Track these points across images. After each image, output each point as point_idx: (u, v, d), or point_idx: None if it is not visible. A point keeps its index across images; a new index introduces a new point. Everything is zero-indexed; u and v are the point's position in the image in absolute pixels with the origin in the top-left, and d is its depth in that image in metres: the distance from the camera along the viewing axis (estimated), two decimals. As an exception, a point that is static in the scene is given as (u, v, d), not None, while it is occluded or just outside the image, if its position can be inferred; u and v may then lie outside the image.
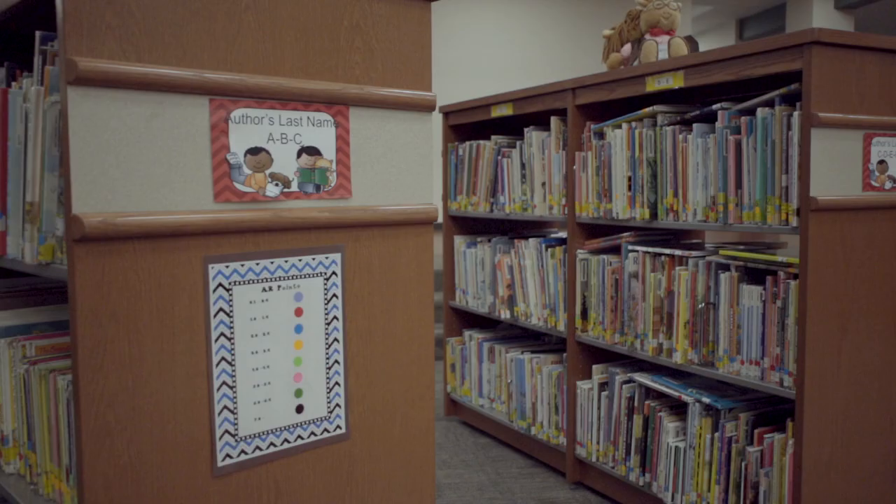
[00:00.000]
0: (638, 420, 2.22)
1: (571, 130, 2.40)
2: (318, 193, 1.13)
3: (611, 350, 2.35)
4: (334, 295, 1.16)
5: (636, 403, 2.23)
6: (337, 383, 1.17)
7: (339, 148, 1.15)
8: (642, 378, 2.21)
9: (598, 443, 2.39)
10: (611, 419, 2.33)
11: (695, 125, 1.98)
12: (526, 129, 2.65)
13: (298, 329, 1.12)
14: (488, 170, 2.88)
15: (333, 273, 1.16)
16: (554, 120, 2.51)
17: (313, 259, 1.13)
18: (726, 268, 1.94)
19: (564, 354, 2.57)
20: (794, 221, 1.74)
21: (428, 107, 1.25)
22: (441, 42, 8.85)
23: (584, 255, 2.41)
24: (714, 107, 1.96)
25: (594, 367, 2.41)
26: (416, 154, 1.25)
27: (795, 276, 1.75)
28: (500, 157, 2.81)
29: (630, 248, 2.22)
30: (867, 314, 1.79)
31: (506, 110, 2.75)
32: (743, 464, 1.90)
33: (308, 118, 1.11)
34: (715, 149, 1.93)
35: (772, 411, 1.96)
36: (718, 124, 1.92)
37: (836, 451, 1.77)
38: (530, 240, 2.67)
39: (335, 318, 1.16)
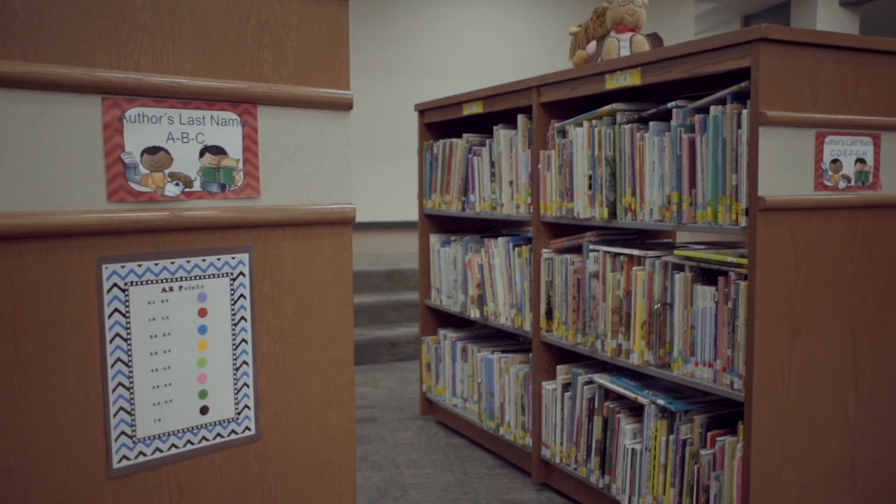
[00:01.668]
0: (598, 421, 2.20)
1: (536, 129, 2.38)
2: (224, 193, 1.12)
3: (573, 351, 2.33)
4: (242, 295, 1.15)
5: (596, 405, 2.21)
6: (245, 384, 1.16)
7: (247, 147, 1.14)
8: (602, 379, 2.18)
9: (561, 444, 2.37)
10: (573, 420, 2.31)
11: (651, 123, 1.96)
12: (495, 128, 2.63)
13: (202, 330, 1.11)
14: (460, 168, 2.86)
15: (241, 273, 1.15)
16: (520, 118, 2.49)
17: (218, 259, 1.12)
18: (682, 268, 1.92)
19: (531, 354, 2.55)
20: (743, 222, 1.71)
21: (344, 105, 1.23)
22: (440, 41, 8.84)
23: (548, 254, 2.39)
24: (669, 105, 1.94)
25: (558, 367, 2.39)
26: (333, 153, 1.23)
27: (746, 277, 1.73)
28: (470, 156, 2.79)
29: (591, 247, 2.20)
30: (820, 315, 1.76)
31: (476, 108, 2.73)
32: (696, 467, 1.87)
33: (212, 117, 1.10)
34: (670, 147, 1.90)
35: (727, 414, 1.94)
36: (673, 122, 1.90)
37: (787, 455, 1.75)
38: (499, 239, 2.66)
39: (243, 318, 1.15)
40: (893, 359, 1.89)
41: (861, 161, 1.80)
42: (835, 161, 1.77)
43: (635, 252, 2.04)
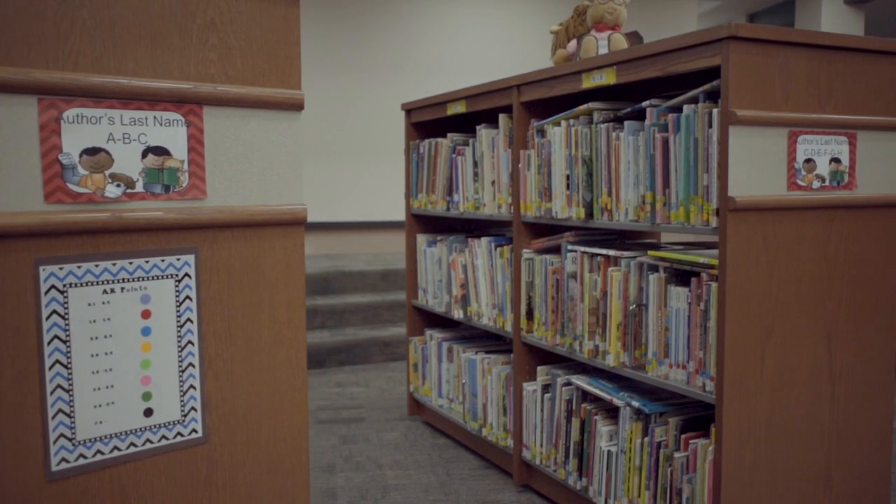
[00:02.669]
0: (576, 423, 2.18)
1: (517, 128, 2.37)
2: (168, 194, 1.11)
3: (553, 352, 2.31)
4: (188, 297, 1.14)
5: (574, 406, 2.19)
6: (192, 386, 1.15)
7: (192, 148, 1.13)
8: (579, 381, 2.17)
9: (541, 445, 2.35)
10: (553, 422, 2.29)
11: (626, 123, 1.94)
12: (477, 127, 2.62)
13: (146, 331, 1.11)
14: (445, 168, 2.85)
15: (186, 275, 1.14)
16: (502, 117, 2.48)
17: (162, 261, 1.12)
18: (656, 269, 1.90)
19: (512, 355, 2.54)
20: (714, 222, 1.69)
21: (295, 105, 1.22)
22: (437, 39, 8.82)
23: (529, 254, 2.37)
24: (644, 104, 1.92)
25: (539, 368, 2.37)
26: (283, 153, 1.22)
27: (717, 278, 1.71)
28: (454, 155, 2.78)
29: (569, 247, 2.18)
30: (794, 317, 1.74)
31: (460, 108, 2.72)
32: (669, 469, 1.85)
33: (155, 118, 1.09)
34: (644, 147, 1.89)
35: (702, 416, 1.92)
36: (647, 122, 1.88)
37: (760, 458, 1.72)
38: (482, 239, 2.64)
39: (189, 320, 1.14)
40: (871, 361, 1.87)
41: (836, 161, 1.78)
42: (808, 161, 1.74)
43: (611, 252, 2.02)
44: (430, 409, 3.11)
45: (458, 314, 2.78)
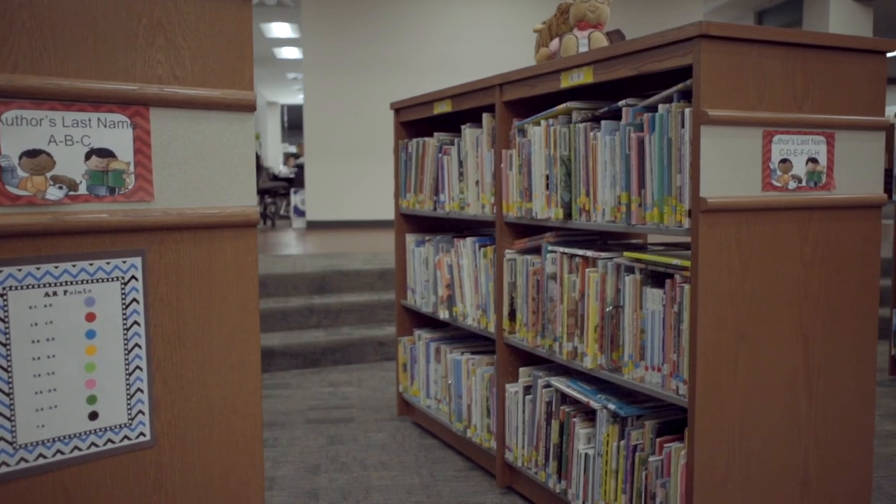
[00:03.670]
0: (555, 425, 2.16)
1: (499, 127, 2.35)
2: (113, 196, 1.11)
3: (533, 353, 2.30)
4: (134, 300, 1.14)
5: (554, 408, 2.17)
6: (139, 389, 1.15)
7: (139, 150, 1.12)
8: (558, 383, 2.15)
9: (523, 448, 2.34)
10: (534, 424, 2.28)
11: (603, 122, 1.92)
12: (462, 127, 2.60)
13: (90, 334, 1.10)
14: (432, 167, 2.83)
15: (133, 277, 1.13)
16: (485, 117, 2.46)
17: (107, 263, 1.11)
18: (632, 270, 1.88)
19: (495, 356, 2.52)
20: (686, 223, 1.67)
21: (247, 107, 1.21)
22: (444, 37, 8.80)
23: (511, 255, 2.35)
24: (620, 103, 1.90)
25: (521, 369, 2.36)
26: (235, 155, 1.21)
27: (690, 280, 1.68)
28: (440, 155, 2.76)
29: (549, 248, 2.16)
30: (768, 319, 1.72)
31: (446, 107, 2.70)
32: (644, 473, 1.83)
33: (99, 119, 1.09)
34: (620, 147, 1.87)
35: (678, 420, 1.90)
36: (622, 121, 1.86)
37: (734, 464, 1.70)
38: (467, 239, 2.63)
39: (136, 322, 1.14)
40: (850, 364, 1.84)
41: (813, 161, 1.75)
42: (784, 161, 1.72)
43: (589, 253, 2.00)
44: (418, 410, 3.10)
45: (443, 314, 2.77)
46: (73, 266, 1.08)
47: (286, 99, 21.89)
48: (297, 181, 10.37)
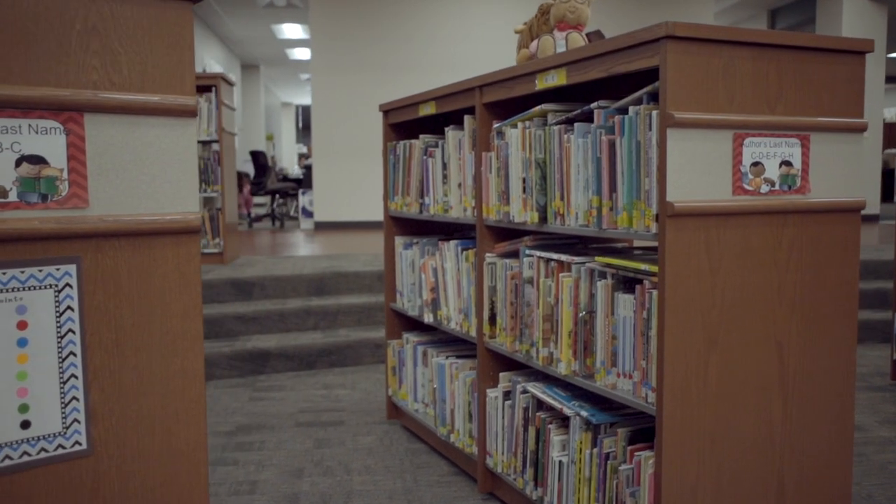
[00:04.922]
0: (532, 432, 2.14)
1: (480, 129, 2.33)
2: (45, 203, 1.10)
3: (511, 358, 2.27)
4: (69, 307, 1.12)
5: (530, 414, 2.15)
6: (75, 398, 1.14)
7: (73, 156, 1.11)
8: (534, 388, 2.12)
9: (503, 453, 2.31)
10: (512, 430, 2.25)
11: (576, 124, 1.89)
12: (446, 129, 2.58)
13: (22, 343, 1.09)
14: (418, 169, 2.81)
15: (67, 285, 1.12)
16: (467, 119, 2.44)
17: (40, 271, 1.10)
18: (605, 275, 1.85)
19: (476, 360, 2.50)
20: (654, 228, 1.64)
21: (187, 112, 1.20)
22: (446, 39, 8.78)
23: (491, 258, 2.33)
24: (592, 105, 1.87)
25: (501, 374, 2.33)
26: (175, 161, 1.20)
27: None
28: (425, 157, 2.74)
29: (527, 252, 2.13)
30: (740, 325, 1.68)
31: (430, 109, 2.68)
32: (616, 482, 1.80)
33: (29, 125, 1.08)
34: (591, 150, 1.84)
35: (650, 427, 1.86)
36: (594, 123, 1.83)
37: (704, 473, 1.67)
38: (450, 242, 2.61)
39: (71, 330, 1.13)
40: (827, 370, 1.80)
41: (787, 164, 1.71)
42: (756, 164, 1.68)
43: (563, 258, 1.97)
44: (407, 414, 3.08)
45: (428, 318, 2.75)
46: (3, 274, 1.07)
47: (301, 100, 21.97)
48: (305, 182, 10.39)
